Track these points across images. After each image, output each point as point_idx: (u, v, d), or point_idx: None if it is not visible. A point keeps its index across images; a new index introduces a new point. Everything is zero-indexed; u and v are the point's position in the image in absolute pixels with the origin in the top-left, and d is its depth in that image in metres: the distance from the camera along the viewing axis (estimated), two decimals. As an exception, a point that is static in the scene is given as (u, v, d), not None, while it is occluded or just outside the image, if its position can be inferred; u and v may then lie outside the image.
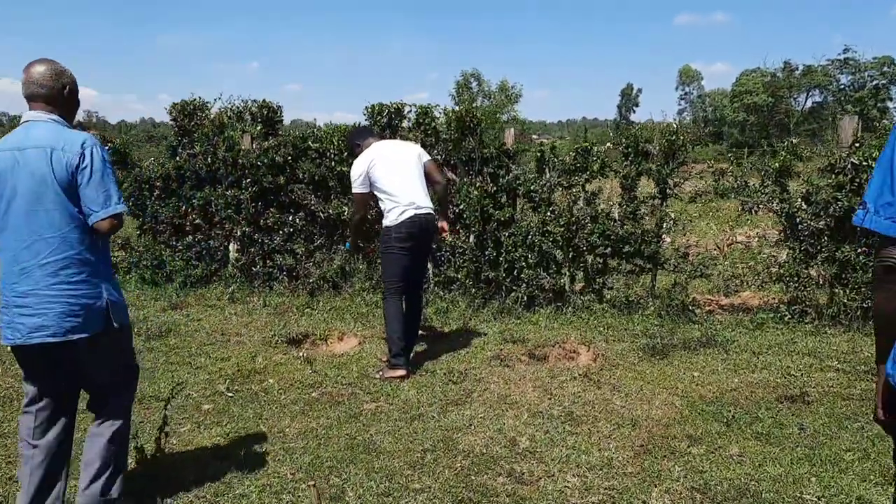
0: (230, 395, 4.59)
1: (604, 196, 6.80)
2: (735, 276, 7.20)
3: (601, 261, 6.55)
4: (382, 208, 5.09)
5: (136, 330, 6.10)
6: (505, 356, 5.37)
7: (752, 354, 5.20)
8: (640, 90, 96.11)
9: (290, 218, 7.50)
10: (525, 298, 6.64)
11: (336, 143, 7.18)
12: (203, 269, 7.81)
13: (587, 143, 6.50)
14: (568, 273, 6.63)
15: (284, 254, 7.60)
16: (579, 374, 4.84)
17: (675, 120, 6.57)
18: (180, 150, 7.92)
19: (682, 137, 6.22)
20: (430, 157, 5.29)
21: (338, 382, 4.82)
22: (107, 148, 8.14)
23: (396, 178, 5.03)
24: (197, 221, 7.83)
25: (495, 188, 6.79)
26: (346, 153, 7.20)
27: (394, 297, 5.15)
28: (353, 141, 5.39)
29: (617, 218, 6.43)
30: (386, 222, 5.05)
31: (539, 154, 6.65)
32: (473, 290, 6.79)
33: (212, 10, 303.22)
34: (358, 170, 5.08)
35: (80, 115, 8.67)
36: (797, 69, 56.20)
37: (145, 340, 5.82)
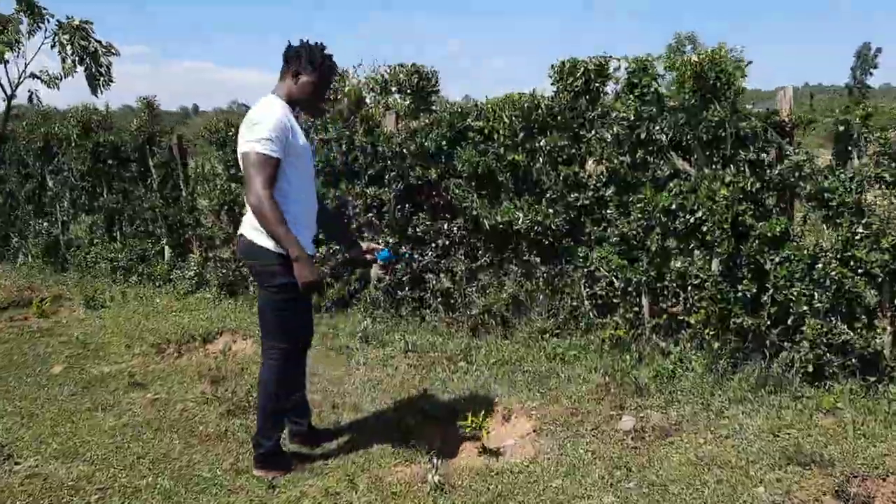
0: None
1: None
2: None
3: (956, 311, 3.78)
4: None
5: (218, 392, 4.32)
6: (786, 500, 2.91)
7: None
8: (878, 50, 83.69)
9: (446, 226, 5.41)
10: (809, 365, 4.05)
11: (508, 122, 4.95)
12: (339, 289, 5.97)
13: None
14: (890, 329, 3.93)
15: (439, 274, 5.54)
16: None
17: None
18: (312, 135, 6.11)
19: None
20: (246, 142, 3.05)
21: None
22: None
23: None
24: (331, 228, 5.98)
25: (759, 184, 4.22)
26: (521, 134, 4.94)
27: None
28: (309, 56, 3.24)
29: None
30: None
31: (842, 127, 3.98)
32: (717, 346, 4.29)
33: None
34: (279, 118, 3.09)
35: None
36: None
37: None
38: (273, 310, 3.17)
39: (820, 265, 4.01)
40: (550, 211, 4.86)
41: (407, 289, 5.65)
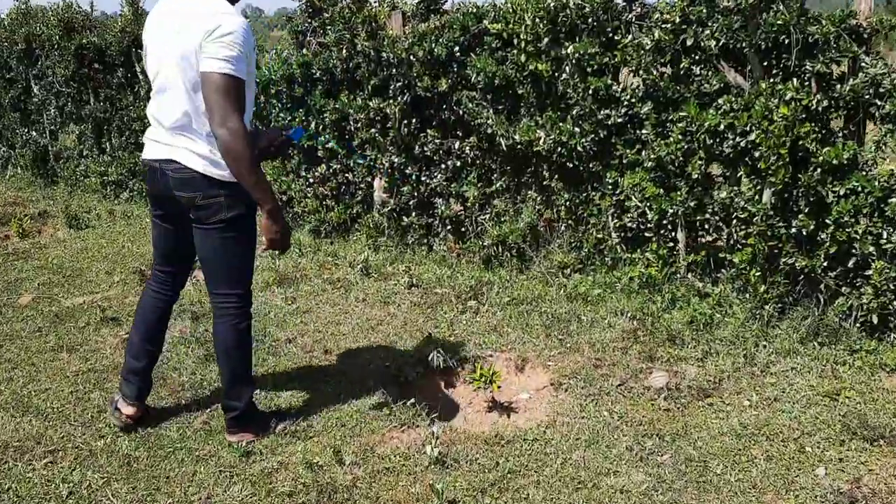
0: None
1: None
2: None
3: None
4: None
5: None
6: (854, 490, 2.43)
7: None
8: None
9: (457, 145, 4.80)
10: (872, 315, 3.52)
11: (531, 25, 4.26)
12: (340, 212, 5.43)
13: None
14: (973, 277, 3.36)
15: (449, 198, 4.98)
16: None
17: None
18: (309, 38, 5.44)
19: None
20: (218, 61, 2.40)
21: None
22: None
23: (155, 70, 2.63)
24: (331, 145, 5.40)
25: (826, 102, 3.57)
26: (545, 40, 4.26)
27: (150, 281, 2.99)
28: None
29: None
30: None
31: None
32: (762, 289, 3.75)
33: None
34: (246, 27, 2.54)
35: None
36: None
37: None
38: (224, 251, 2.66)
39: (894, 199, 3.41)
40: (577, 130, 4.23)
41: (414, 214, 5.10)
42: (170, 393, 3.24)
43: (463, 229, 4.94)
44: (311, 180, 5.56)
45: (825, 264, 3.67)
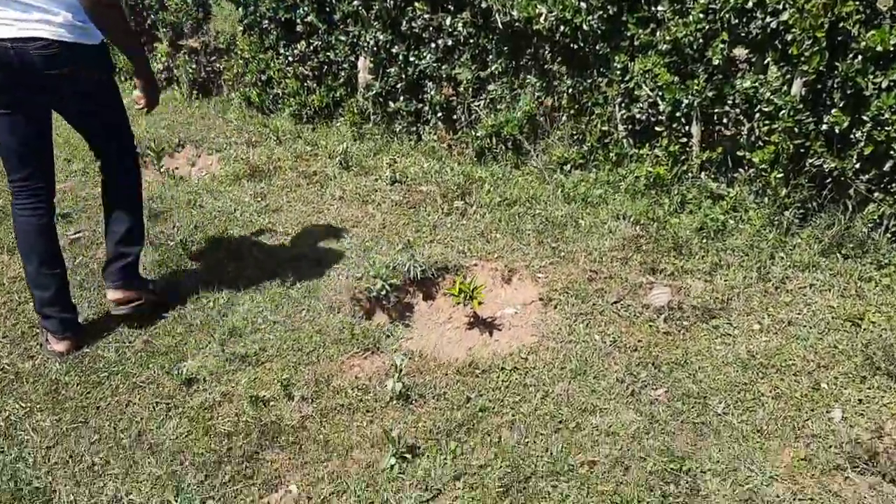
0: None
1: None
2: None
3: None
4: None
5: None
6: (875, 441, 2.12)
7: None
8: None
9: (449, 21, 4.24)
10: (904, 226, 3.12)
11: None
12: (322, 95, 4.94)
13: None
14: None
15: (440, 82, 4.47)
16: None
17: None
18: None
19: None
20: None
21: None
22: None
23: None
24: (310, 18, 4.82)
25: (876, -23, 3.00)
26: None
27: (16, 202, 2.66)
28: None
29: None
30: None
31: None
32: (784, 192, 3.33)
33: None
34: None
35: None
36: None
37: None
38: (114, 112, 2.69)
39: (946, 94, 2.92)
40: (582, 5, 3.66)
41: (401, 99, 4.60)
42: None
43: (455, 117, 4.46)
44: (291, 59, 5.03)
45: (857, 166, 3.21)
